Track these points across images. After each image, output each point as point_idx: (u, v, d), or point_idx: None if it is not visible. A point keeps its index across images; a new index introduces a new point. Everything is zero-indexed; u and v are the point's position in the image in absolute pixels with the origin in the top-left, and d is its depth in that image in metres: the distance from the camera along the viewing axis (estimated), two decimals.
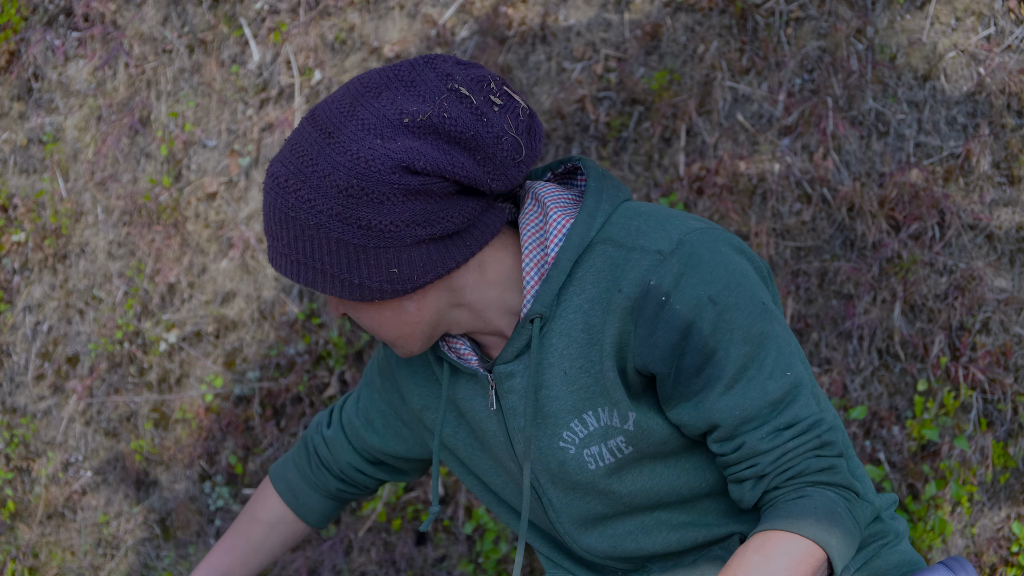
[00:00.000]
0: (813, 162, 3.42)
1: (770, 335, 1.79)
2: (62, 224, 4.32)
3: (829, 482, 1.80)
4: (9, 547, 4.12)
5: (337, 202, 1.72)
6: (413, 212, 1.74)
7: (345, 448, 2.25)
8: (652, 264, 1.77)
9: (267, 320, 4.04)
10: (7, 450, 4.26)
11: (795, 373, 1.81)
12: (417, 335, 1.86)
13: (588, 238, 1.82)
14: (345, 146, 1.73)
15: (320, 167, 1.73)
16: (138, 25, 4.38)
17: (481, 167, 1.77)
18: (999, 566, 3.12)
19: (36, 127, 4.46)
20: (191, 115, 4.26)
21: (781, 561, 1.72)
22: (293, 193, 1.75)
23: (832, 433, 1.81)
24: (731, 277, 1.78)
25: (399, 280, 1.77)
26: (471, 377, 1.95)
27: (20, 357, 4.33)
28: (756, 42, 3.59)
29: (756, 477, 1.81)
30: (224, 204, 4.16)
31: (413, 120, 1.74)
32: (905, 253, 3.29)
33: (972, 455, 3.15)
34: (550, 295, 1.82)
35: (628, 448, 1.86)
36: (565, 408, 1.86)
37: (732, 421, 1.79)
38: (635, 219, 1.83)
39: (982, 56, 3.34)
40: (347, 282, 1.77)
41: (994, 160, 3.28)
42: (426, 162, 1.72)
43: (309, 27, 4.15)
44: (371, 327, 1.86)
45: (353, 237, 1.74)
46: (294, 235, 1.76)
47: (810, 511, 1.76)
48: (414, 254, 1.77)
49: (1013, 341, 3.18)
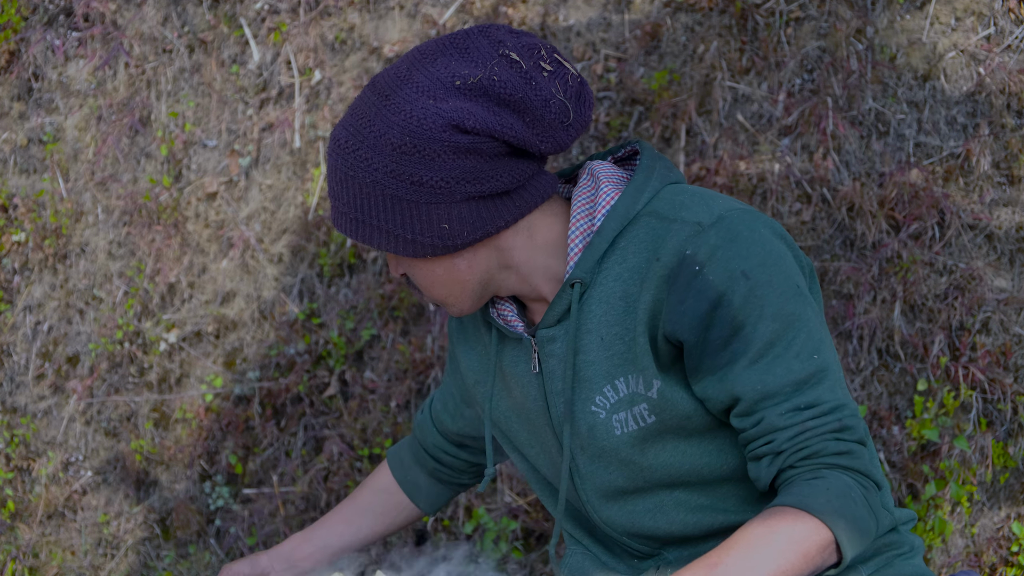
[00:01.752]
0: (813, 162, 3.42)
1: (801, 317, 1.82)
2: (62, 224, 4.32)
3: (846, 466, 1.80)
4: (9, 547, 4.12)
5: (391, 159, 1.83)
6: (463, 169, 1.84)
7: (431, 432, 2.36)
8: (690, 234, 1.82)
9: (267, 320, 4.04)
10: (7, 450, 4.26)
11: (823, 358, 1.82)
12: (467, 294, 1.94)
13: (634, 210, 1.89)
14: (399, 107, 1.83)
15: (376, 127, 1.84)
16: (138, 25, 4.38)
17: (530, 129, 1.85)
18: (999, 566, 3.12)
19: (36, 127, 4.46)
20: (191, 115, 4.26)
21: (784, 535, 1.73)
22: (352, 153, 1.86)
23: (854, 420, 1.82)
24: (767, 255, 1.82)
25: (449, 236, 1.86)
26: (516, 342, 2.01)
27: (20, 357, 4.33)
28: (756, 42, 3.59)
29: (773, 454, 1.82)
30: (224, 204, 4.16)
31: (464, 82, 1.84)
32: (905, 253, 3.29)
33: (972, 455, 3.15)
34: (591, 262, 1.89)
35: (651, 417, 1.88)
36: (599, 373, 1.90)
37: (753, 395, 1.81)
38: (681, 195, 1.89)
39: (982, 56, 3.34)
40: (401, 238, 1.87)
41: (994, 160, 3.28)
42: (476, 121, 1.82)
43: (309, 27, 4.15)
44: (424, 285, 1.94)
45: (406, 193, 1.84)
46: (353, 194, 1.87)
47: (822, 491, 1.76)
48: (463, 211, 1.86)
49: (1013, 341, 3.18)
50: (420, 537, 3.72)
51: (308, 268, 4.03)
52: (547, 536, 3.57)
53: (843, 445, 1.80)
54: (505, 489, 3.63)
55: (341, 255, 3.98)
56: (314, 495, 3.84)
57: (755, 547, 1.72)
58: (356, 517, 2.39)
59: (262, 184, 4.13)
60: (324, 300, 3.98)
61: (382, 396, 3.82)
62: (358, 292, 3.95)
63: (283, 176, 4.11)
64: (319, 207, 4.03)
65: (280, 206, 4.11)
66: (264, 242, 4.09)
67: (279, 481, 3.89)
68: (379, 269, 3.95)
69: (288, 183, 4.10)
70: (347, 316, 3.92)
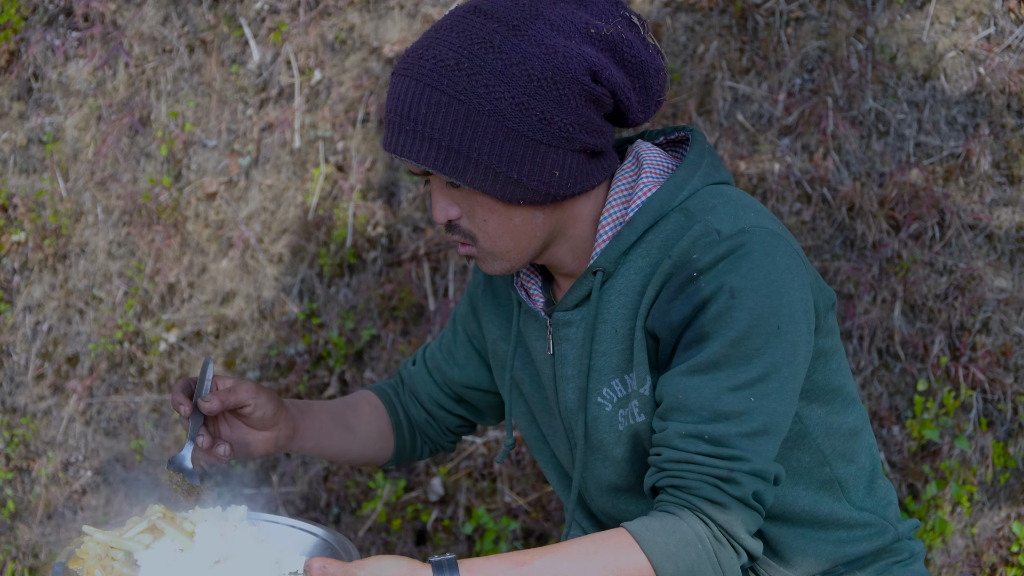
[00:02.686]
0: (813, 162, 3.42)
1: (764, 356, 1.75)
2: (62, 224, 4.32)
3: (711, 517, 1.73)
4: (9, 547, 4.12)
5: (524, 91, 1.73)
6: (587, 119, 1.77)
7: (427, 381, 2.24)
8: (704, 240, 1.78)
9: (267, 320, 4.04)
10: (7, 450, 4.26)
11: (762, 407, 1.74)
12: (530, 251, 1.87)
13: (669, 206, 1.84)
14: (537, 39, 1.75)
15: (506, 55, 1.73)
16: (138, 25, 4.38)
17: (637, 95, 1.82)
18: (999, 566, 3.12)
19: (36, 127, 4.46)
20: (191, 115, 4.26)
21: (605, 560, 1.70)
22: (468, 77, 1.73)
23: (748, 479, 1.73)
24: (766, 284, 1.75)
25: (555, 184, 1.79)
26: (534, 317, 1.97)
27: (20, 357, 4.33)
28: (756, 42, 3.59)
29: (656, 467, 1.79)
30: (224, 204, 4.16)
31: (598, 32, 1.78)
32: (905, 253, 3.29)
33: (972, 455, 3.15)
34: (617, 252, 1.85)
35: (640, 416, 1.86)
36: (610, 366, 1.87)
37: (672, 402, 1.76)
38: (717, 198, 1.84)
39: (982, 56, 3.34)
40: (502, 176, 1.77)
41: (994, 160, 3.28)
42: (608, 74, 1.77)
43: (309, 27, 4.15)
44: (492, 233, 1.84)
45: (529, 130, 1.75)
46: (454, 120, 1.74)
47: (669, 532, 1.71)
48: (574, 161, 1.79)
49: (1013, 341, 3.18)
50: (420, 537, 3.72)
51: (308, 268, 4.03)
52: (547, 536, 3.57)
53: (718, 494, 1.73)
54: (505, 489, 3.63)
55: (341, 255, 3.98)
56: (314, 495, 3.84)
57: (571, 559, 1.70)
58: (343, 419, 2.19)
59: (262, 184, 4.13)
60: (324, 300, 3.98)
61: None
62: (358, 292, 3.95)
63: (283, 176, 4.11)
64: (319, 207, 4.03)
65: (280, 206, 4.11)
66: (264, 242, 4.09)
67: (279, 481, 3.89)
68: (379, 269, 3.95)
69: (288, 183, 4.10)
70: (347, 316, 3.92)
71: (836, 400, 1.92)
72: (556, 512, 3.56)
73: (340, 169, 4.04)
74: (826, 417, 1.91)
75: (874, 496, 2.00)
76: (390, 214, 3.95)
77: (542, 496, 3.59)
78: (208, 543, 1.83)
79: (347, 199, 3.98)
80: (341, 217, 3.98)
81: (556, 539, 3.53)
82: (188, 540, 1.84)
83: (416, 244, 3.88)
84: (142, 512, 1.93)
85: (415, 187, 3.94)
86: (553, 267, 1.95)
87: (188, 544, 1.83)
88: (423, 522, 3.70)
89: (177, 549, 1.83)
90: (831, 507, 1.94)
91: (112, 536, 1.86)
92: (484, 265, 1.90)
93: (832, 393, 1.91)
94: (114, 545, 1.85)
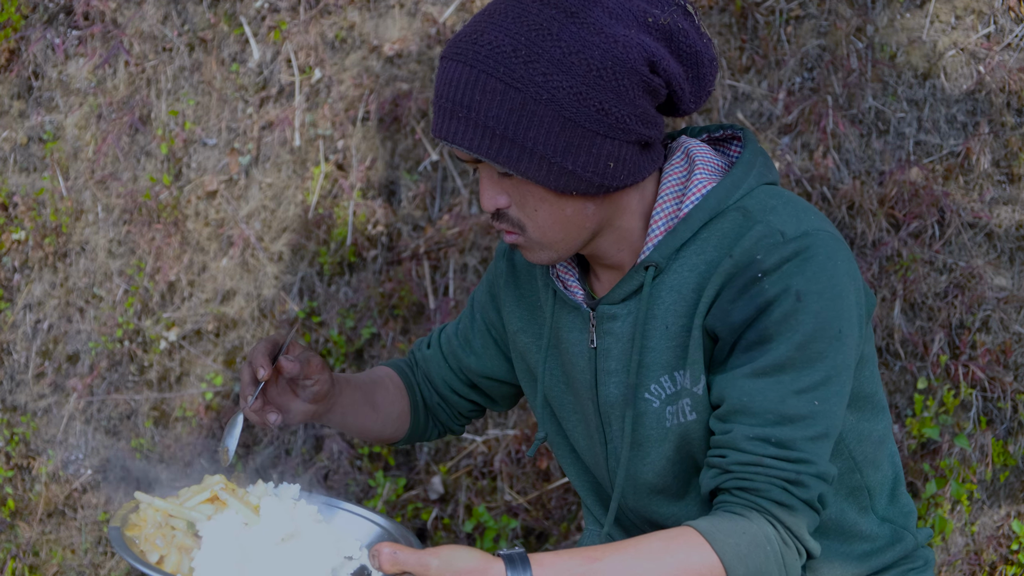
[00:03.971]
0: (813, 160, 3.42)
1: (827, 360, 1.75)
2: (62, 222, 4.32)
3: (778, 518, 1.74)
4: (9, 545, 4.12)
5: (583, 81, 1.70)
6: (643, 110, 1.75)
7: (441, 366, 2.21)
8: (768, 241, 1.76)
9: (267, 318, 4.04)
10: (7, 448, 4.26)
11: (824, 410, 1.75)
12: (578, 242, 1.84)
13: (725, 204, 1.82)
14: (596, 27, 1.71)
15: (565, 43, 1.70)
16: (138, 23, 4.38)
17: (690, 85, 1.80)
18: (999, 564, 3.13)
19: (36, 125, 4.46)
20: (191, 113, 4.26)
21: (677, 559, 1.69)
22: (524, 65, 1.69)
23: (814, 481, 1.75)
24: (829, 288, 1.75)
25: (609, 175, 1.76)
26: (572, 309, 1.94)
27: (20, 355, 4.33)
28: (756, 40, 3.59)
29: (720, 469, 1.78)
30: (224, 202, 4.16)
31: (655, 21, 1.75)
32: (905, 251, 3.29)
33: (972, 453, 3.15)
34: (670, 248, 1.83)
35: (692, 414, 1.84)
36: (659, 362, 1.85)
37: (736, 404, 1.76)
38: (775, 199, 1.83)
39: (982, 54, 3.34)
40: (557, 166, 1.74)
41: (994, 158, 3.28)
42: (666, 65, 1.75)
43: (309, 25, 4.15)
44: (542, 223, 1.81)
45: (586, 120, 1.72)
46: (509, 108, 1.70)
47: (739, 533, 1.72)
48: (629, 153, 1.77)
49: (1013, 339, 3.18)
50: (420, 535, 3.72)
51: (308, 266, 4.03)
52: (547, 534, 3.57)
53: (787, 497, 1.74)
54: (505, 487, 3.63)
55: (341, 253, 3.98)
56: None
57: (642, 556, 1.69)
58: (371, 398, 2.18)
59: (262, 182, 4.13)
60: (324, 298, 3.98)
61: None
62: (358, 290, 3.95)
63: (283, 174, 4.11)
64: (319, 205, 4.03)
65: (280, 204, 4.11)
66: (264, 240, 4.09)
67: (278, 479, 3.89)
68: (379, 267, 3.95)
69: (288, 181, 4.10)
70: (347, 314, 3.92)
71: (867, 407, 1.92)
72: (556, 511, 3.56)
73: (340, 168, 4.05)
74: (857, 424, 1.91)
75: (896, 505, 2.01)
76: (390, 212, 3.95)
77: (542, 495, 3.59)
78: (275, 519, 1.77)
79: (347, 198, 3.99)
80: (341, 216, 3.99)
81: (557, 537, 3.53)
82: (253, 514, 1.77)
83: (416, 242, 3.88)
84: (199, 482, 1.86)
85: (415, 186, 3.94)
86: (595, 257, 1.92)
87: (254, 518, 1.76)
88: (423, 520, 3.70)
89: (241, 523, 1.76)
90: (856, 519, 1.95)
91: (173, 505, 1.79)
92: (530, 254, 1.86)
93: (865, 400, 1.91)
94: (174, 514, 1.78)
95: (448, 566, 1.62)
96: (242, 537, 1.74)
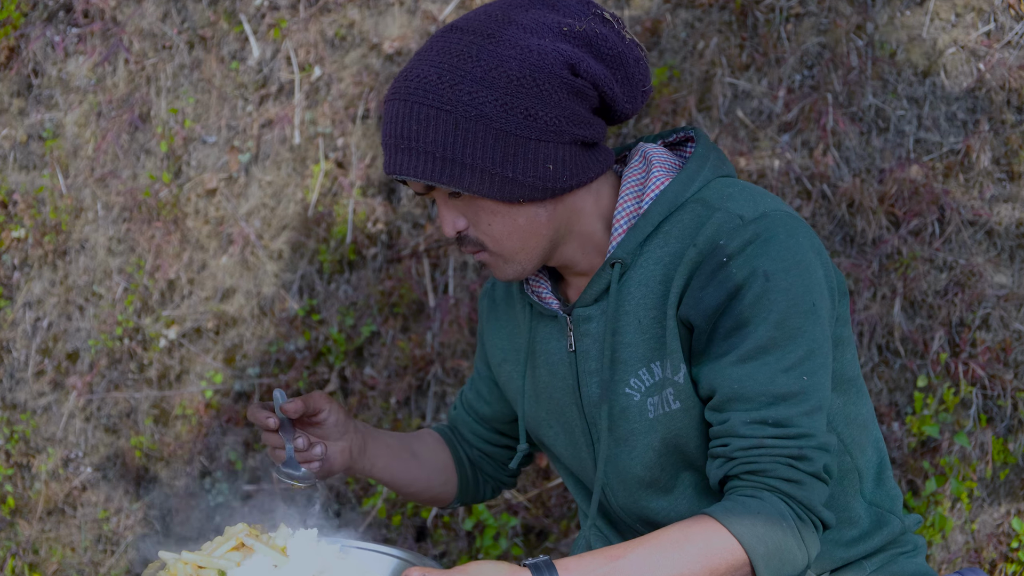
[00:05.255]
0: (813, 158, 3.42)
1: (806, 335, 1.80)
2: (62, 220, 4.32)
3: (788, 493, 1.79)
4: (9, 543, 4.13)
5: (505, 92, 1.79)
6: (572, 111, 1.82)
7: (467, 421, 2.29)
8: (729, 226, 1.82)
9: (267, 316, 4.04)
10: (7, 446, 4.26)
11: (814, 383, 1.80)
12: (539, 250, 1.90)
13: (683, 197, 1.89)
14: (512, 42, 1.81)
15: (484, 62, 1.80)
16: (138, 21, 4.38)
17: (620, 87, 1.87)
18: (999, 562, 3.13)
19: (36, 123, 4.46)
20: (191, 111, 4.26)
21: (697, 546, 1.73)
22: (450, 88, 1.80)
23: (817, 453, 1.79)
24: (794, 264, 1.81)
25: (551, 178, 1.83)
26: (551, 319, 2.00)
27: (20, 353, 4.34)
28: (756, 38, 3.59)
29: (725, 458, 1.82)
30: (224, 200, 4.16)
31: (571, 30, 1.84)
32: (905, 249, 3.29)
33: (972, 451, 3.15)
34: (633, 243, 1.89)
35: (676, 403, 1.88)
36: (635, 356, 1.90)
37: (728, 393, 1.80)
38: (730, 188, 1.89)
39: (982, 52, 3.34)
40: (498, 177, 1.82)
41: (994, 156, 3.28)
42: (587, 67, 1.82)
43: (309, 23, 4.15)
44: (499, 235, 1.88)
45: (516, 128, 1.80)
46: (443, 131, 1.80)
47: (752, 513, 1.76)
48: (567, 154, 1.84)
49: (1013, 337, 3.18)
50: (420, 533, 3.72)
51: (308, 264, 4.03)
52: (547, 532, 3.57)
53: (794, 472, 1.78)
54: None
55: (341, 251, 3.98)
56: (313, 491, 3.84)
57: (664, 549, 1.73)
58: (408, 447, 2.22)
59: (262, 180, 4.13)
60: (324, 296, 3.98)
61: (382, 392, 3.82)
62: (358, 288, 3.95)
63: (283, 172, 4.11)
64: (319, 203, 4.03)
65: (280, 202, 4.11)
66: (264, 238, 4.09)
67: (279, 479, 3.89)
68: (379, 266, 3.95)
69: (288, 179, 4.10)
70: (347, 312, 3.92)
71: (851, 390, 1.96)
72: (556, 509, 3.56)
73: (340, 165, 4.05)
74: (844, 407, 1.95)
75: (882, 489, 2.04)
76: (390, 210, 3.95)
77: (542, 493, 3.59)
78: (303, 558, 1.81)
79: (347, 195, 3.99)
80: (341, 213, 3.99)
81: (556, 535, 3.54)
82: (281, 556, 1.81)
83: (416, 240, 3.88)
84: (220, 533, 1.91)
85: None
86: (565, 267, 1.98)
87: (282, 559, 1.80)
88: (423, 518, 3.70)
89: (271, 565, 1.80)
90: (848, 501, 1.98)
91: (202, 555, 1.84)
92: (498, 272, 1.94)
93: (848, 383, 1.96)
94: (204, 565, 1.82)
95: None
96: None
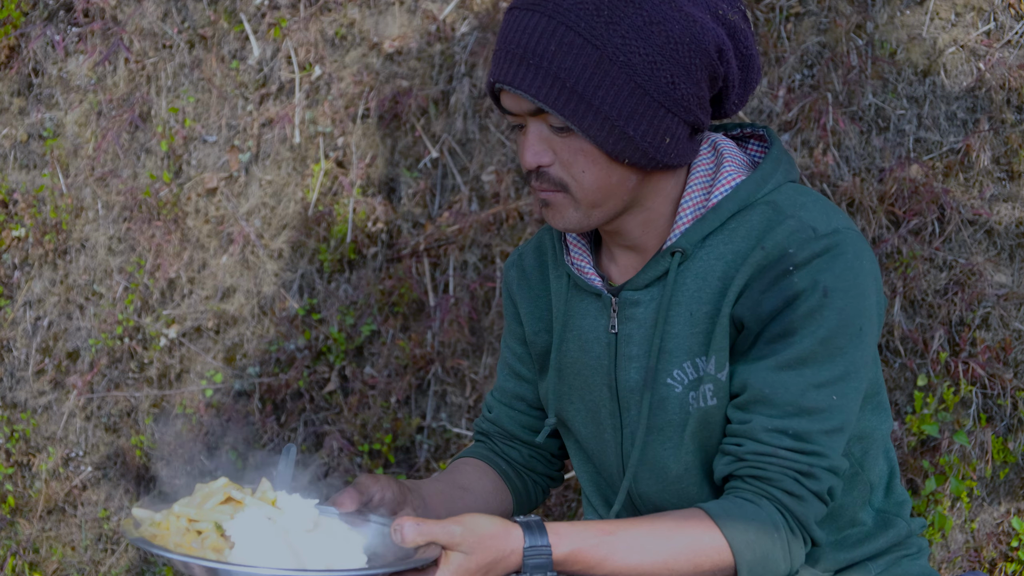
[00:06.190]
0: (813, 157, 3.42)
1: (847, 356, 1.79)
2: (62, 219, 4.33)
3: (787, 507, 1.78)
4: (9, 542, 4.13)
5: (659, 51, 1.73)
6: (703, 94, 1.79)
7: (510, 415, 2.19)
8: (801, 236, 1.79)
9: (267, 315, 4.04)
10: (7, 445, 4.26)
11: (842, 405, 1.79)
12: (614, 210, 1.85)
13: (755, 197, 1.85)
14: (676, 4, 1.75)
15: (647, 12, 1.73)
16: (138, 20, 4.38)
17: (740, 87, 1.85)
18: (999, 561, 3.13)
19: (36, 122, 4.46)
20: (191, 111, 4.26)
21: (686, 538, 1.74)
22: (606, 25, 1.72)
23: (826, 475, 1.79)
24: (854, 286, 1.79)
25: (662, 150, 1.79)
26: (591, 297, 1.95)
27: (20, 352, 4.34)
28: (756, 37, 3.59)
29: (735, 456, 1.81)
30: (224, 199, 4.16)
31: (725, 15, 1.80)
32: (905, 248, 3.29)
33: (972, 450, 3.15)
34: (698, 236, 1.85)
35: (713, 399, 1.86)
36: (681, 348, 1.87)
37: (756, 394, 1.79)
38: (803, 196, 1.86)
39: (982, 51, 3.34)
40: (617, 131, 1.76)
41: (994, 155, 3.28)
42: (729, 57, 1.79)
43: (309, 23, 4.15)
44: (587, 183, 1.81)
45: (655, 90, 1.75)
46: (584, 63, 1.73)
47: (747, 518, 1.76)
48: (682, 133, 1.80)
49: (1013, 336, 3.18)
50: None
51: (308, 264, 4.03)
52: None
53: (798, 488, 1.78)
54: None
55: (341, 251, 3.98)
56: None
57: (654, 534, 1.74)
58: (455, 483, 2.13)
59: (262, 180, 4.13)
60: (324, 296, 3.98)
61: (382, 391, 3.82)
62: (358, 288, 3.95)
63: (283, 172, 4.11)
64: (319, 203, 4.03)
65: (280, 202, 4.11)
66: (264, 238, 4.09)
67: None
68: (379, 265, 3.95)
69: (288, 179, 4.10)
70: (347, 312, 3.92)
71: (868, 406, 1.95)
72: (556, 507, 3.56)
73: (340, 165, 4.05)
74: (860, 421, 1.94)
75: (891, 497, 2.04)
76: (390, 210, 3.95)
77: None
78: (297, 510, 1.76)
79: (347, 195, 3.99)
80: (341, 213, 3.99)
81: None
82: (274, 508, 1.76)
83: (416, 240, 3.88)
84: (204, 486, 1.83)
85: (415, 183, 3.94)
86: (616, 235, 1.93)
87: (276, 512, 1.75)
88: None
89: (264, 517, 1.74)
90: (855, 512, 1.98)
91: (195, 508, 1.77)
92: (558, 217, 1.86)
93: (866, 400, 1.94)
94: (196, 517, 1.76)
95: (471, 532, 1.66)
96: (272, 531, 1.73)
